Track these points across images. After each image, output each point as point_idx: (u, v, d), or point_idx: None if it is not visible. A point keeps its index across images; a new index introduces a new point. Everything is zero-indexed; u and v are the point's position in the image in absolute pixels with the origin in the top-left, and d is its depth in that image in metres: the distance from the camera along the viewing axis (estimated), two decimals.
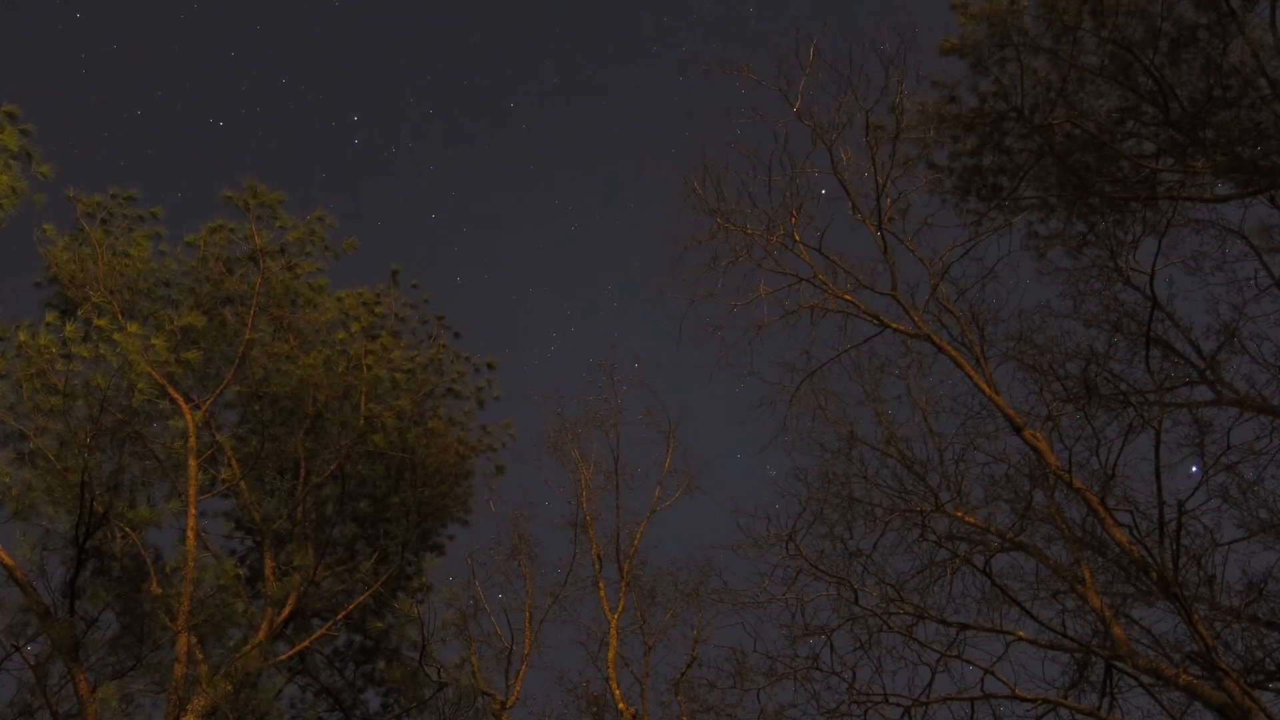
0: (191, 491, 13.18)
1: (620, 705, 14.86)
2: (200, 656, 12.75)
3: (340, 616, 14.83)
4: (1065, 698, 11.76)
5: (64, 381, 12.65)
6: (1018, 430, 12.41)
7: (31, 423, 12.71)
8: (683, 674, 15.57)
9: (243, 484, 14.48)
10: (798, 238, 14.82)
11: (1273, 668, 12.04)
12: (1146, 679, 11.03)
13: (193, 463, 13.31)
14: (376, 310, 15.66)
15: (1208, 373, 14.24)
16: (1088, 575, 11.82)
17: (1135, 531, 11.27)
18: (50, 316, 13.11)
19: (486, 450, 16.91)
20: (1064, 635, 11.51)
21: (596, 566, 16.67)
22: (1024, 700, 11.07)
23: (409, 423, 15.48)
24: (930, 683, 11.73)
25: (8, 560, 12.04)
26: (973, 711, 11.47)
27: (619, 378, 18.27)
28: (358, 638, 16.59)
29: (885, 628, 12.19)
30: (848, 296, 14.36)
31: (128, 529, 13.16)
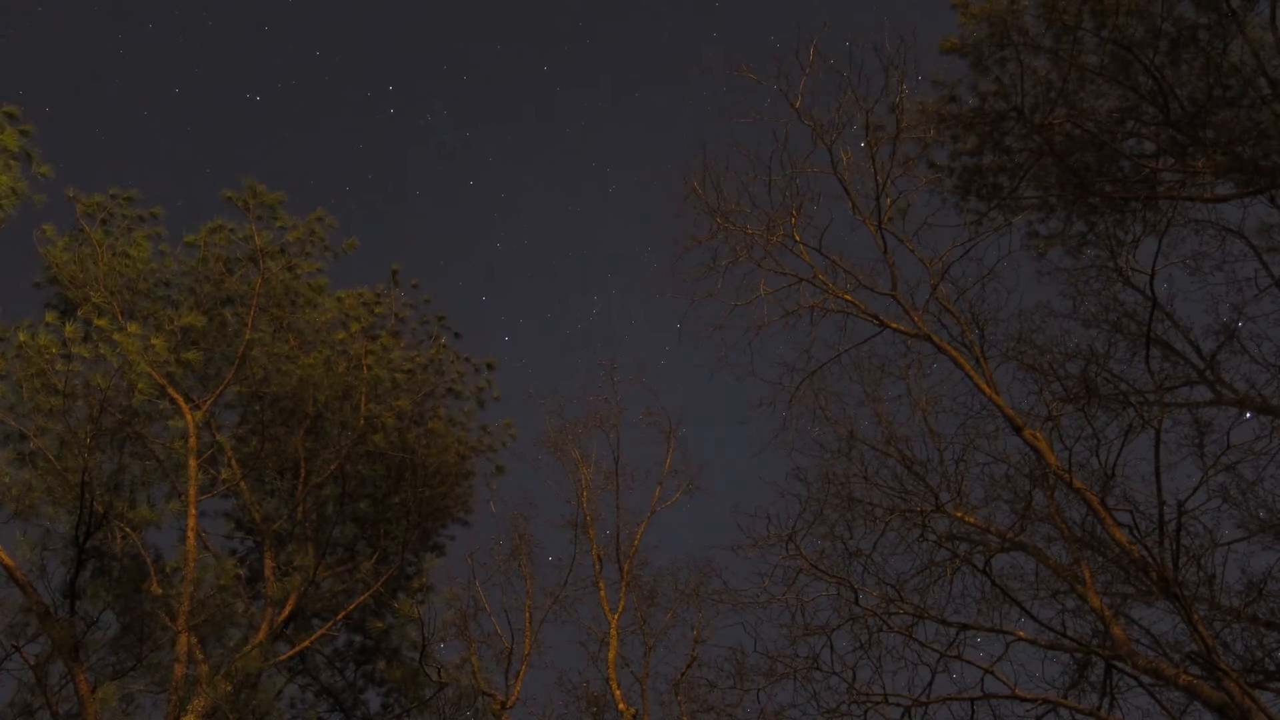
0: (191, 491, 13.18)
1: (620, 705, 14.86)
2: (200, 656, 12.75)
3: (340, 616, 14.82)
4: (1065, 698, 11.76)
5: (64, 381, 12.64)
6: (1018, 430, 12.40)
7: (31, 423, 12.71)
8: (683, 674, 15.57)
9: (243, 484, 14.48)
10: (798, 238, 14.83)
11: (1273, 668, 12.04)
12: (1146, 679, 11.03)
13: (193, 463, 13.31)
14: (376, 310, 15.66)
15: (1208, 373, 14.25)
16: (1088, 575, 11.82)
17: (1135, 531, 11.27)
18: (50, 316, 13.10)
19: (486, 450, 16.92)
20: (1064, 635, 11.51)
21: (596, 567, 16.68)
22: (1024, 700, 11.07)
23: (409, 423, 15.48)
24: (930, 683, 11.74)
25: (8, 560, 12.04)
26: (973, 711, 11.47)
27: (619, 377, 18.27)
28: (358, 638, 16.58)
29: (885, 628, 12.19)
30: (848, 296, 14.36)
31: (128, 529, 13.15)
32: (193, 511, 13.08)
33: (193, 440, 13.44)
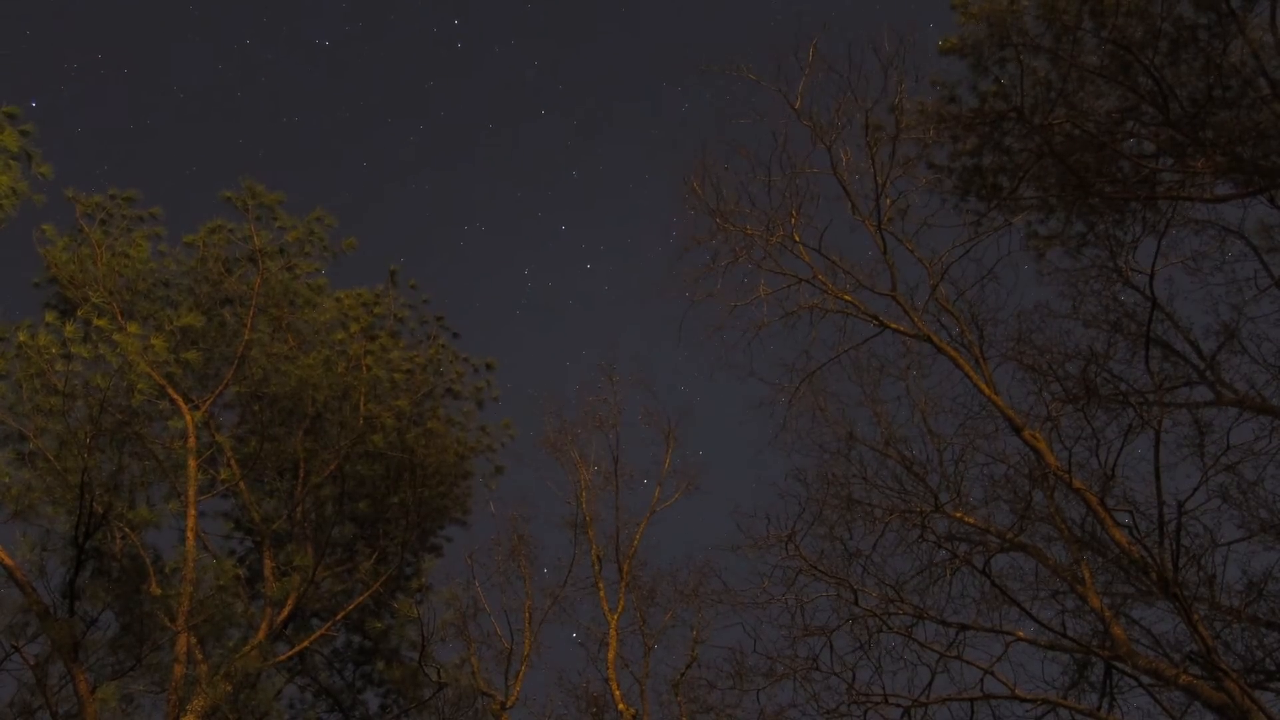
0: (191, 492, 13.17)
1: (620, 705, 14.85)
2: (200, 656, 12.74)
3: (340, 617, 14.81)
4: (1065, 698, 11.76)
5: (64, 381, 12.64)
6: (1017, 430, 12.40)
7: (31, 423, 12.70)
8: (683, 674, 15.56)
9: (242, 484, 14.48)
10: (797, 238, 14.82)
11: (1273, 668, 12.03)
12: (1146, 679, 11.02)
13: (192, 463, 13.31)
14: (375, 310, 15.66)
15: (1207, 373, 14.25)
16: (1087, 575, 11.82)
17: (1135, 531, 11.26)
18: (50, 317, 13.11)
19: (485, 450, 16.91)
20: (1064, 635, 11.50)
21: (596, 567, 16.66)
22: (1024, 700, 11.06)
23: (408, 423, 15.47)
24: (930, 683, 11.72)
25: (8, 560, 12.04)
26: (972, 712, 11.46)
27: (619, 378, 18.26)
28: (357, 638, 16.58)
29: (885, 628, 12.19)
30: (847, 297, 14.35)
31: (127, 529, 13.15)
32: (192, 511, 13.07)
33: (192, 440, 13.44)
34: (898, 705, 11.64)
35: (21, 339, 12.61)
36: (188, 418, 13.58)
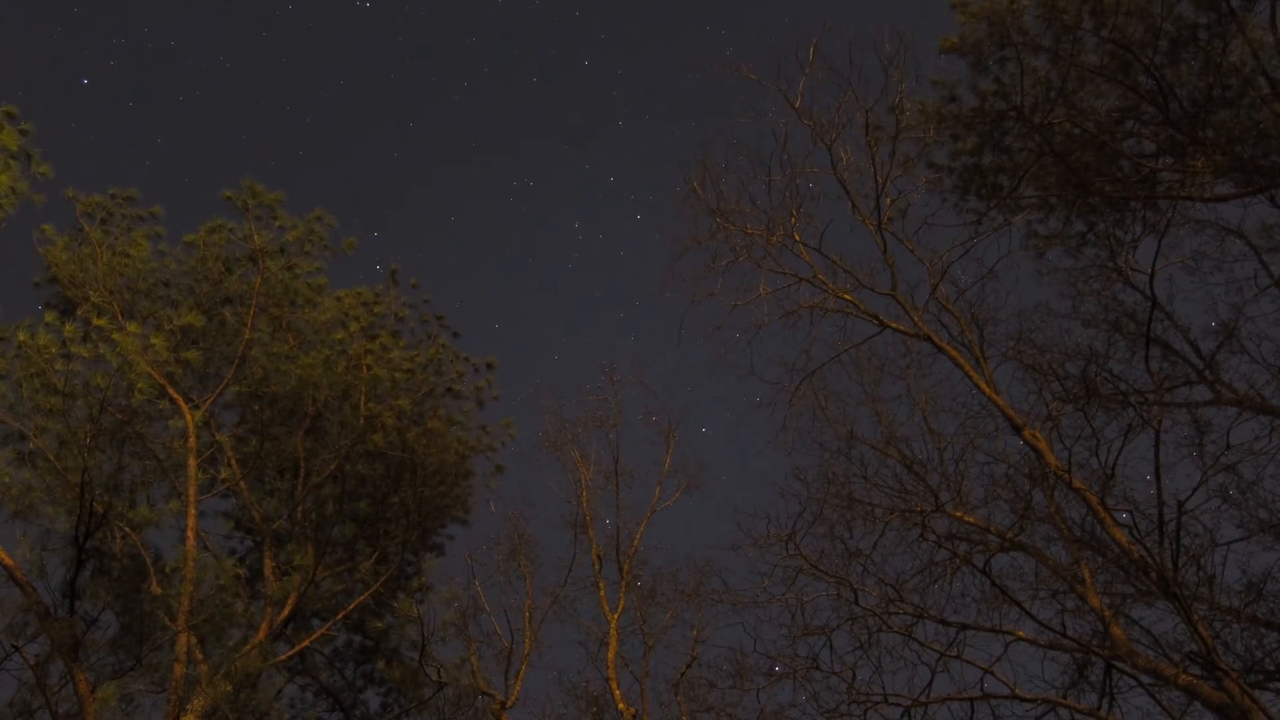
0: (191, 491, 13.17)
1: (620, 705, 14.85)
2: (200, 656, 12.74)
3: (340, 616, 14.82)
4: (1065, 698, 11.76)
5: (64, 381, 12.64)
6: (1017, 430, 12.40)
7: (31, 423, 12.70)
8: (683, 674, 15.56)
9: (243, 484, 14.48)
10: (797, 238, 14.82)
11: (1273, 668, 12.04)
12: (1146, 679, 11.03)
13: (193, 463, 13.31)
14: (376, 310, 15.66)
15: (1207, 373, 14.25)
16: (1087, 575, 11.82)
17: (1135, 531, 11.26)
18: (50, 316, 13.11)
19: (486, 450, 16.91)
20: (1064, 635, 11.50)
21: (596, 566, 16.66)
22: (1024, 700, 11.05)
23: (409, 422, 15.47)
24: (930, 683, 11.71)
25: (8, 560, 12.04)
26: (972, 711, 11.46)
27: (619, 377, 18.24)
28: (357, 638, 16.58)
29: (885, 628, 12.18)
30: (847, 296, 14.35)
31: (128, 529, 13.15)
32: (192, 511, 13.07)
33: (192, 440, 13.44)
34: (898, 705, 11.64)
35: (21, 339, 12.61)
36: (188, 417, 13.58)
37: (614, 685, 15.14)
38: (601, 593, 16.43)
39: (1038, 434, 12.30)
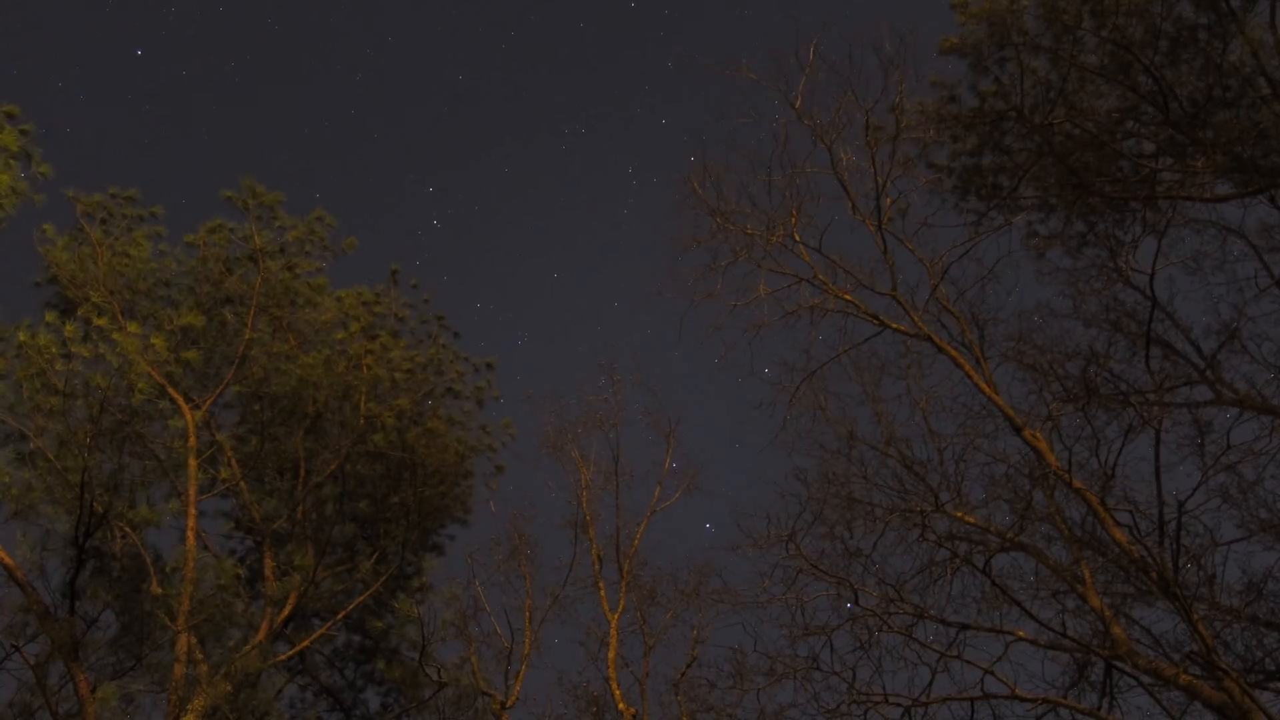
0: (191, 491, 13.17)
1: (620, 705, 14.84)
2: (200, 656, 12.74)
3: (340, 616, 14.82)
4: (1065, 698, 11.76)
5: (64, 381, 12.64)
6: (1018, 430, 12.40)
7: (31, 423, 12.70)
8: (683, 674, 15.55)
9: (243, 484, 14.48)
10: (798, 238, 14.82)
11: (1273, 668, 12.04)
12: (1146, 679, 11.03)
13: (193, 463, 13.31)
14: (376, 310, 15.66)
15: (1208, 373, 14.25)
16: (1088, 575, 11.83)
17: (1135, 531, 11.27)
18: (50, 316, 13.11)
19: (486, 450, 16.91)
20: (1064, 635, 11.51)
21: (596, 566, 16.65)
22: (1024, 700, 11.07)
23: (409, 422, 15.47)
24: (930, 683, 11.73)
25: (8, 560, 12.04)
26: (972, 711, 11.47)
27: (619, 377, 18.22)
28: (357, 638, 16.58)
29: (885, 628, 12.19)
30: (848, 296, 14.35)
31: (128, 529, 13.15)
32: (192, 511, 13.08)
33: (192, 440, 13.44)
34: (898, 705, 11.66)
35: (21, 339, 12.61)
36: (188, 417, 13.59)
37: (614, 685, 15.14)
38: (601, 593, 16.43)
39: (1038, 434, 12.30)
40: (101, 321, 13.05)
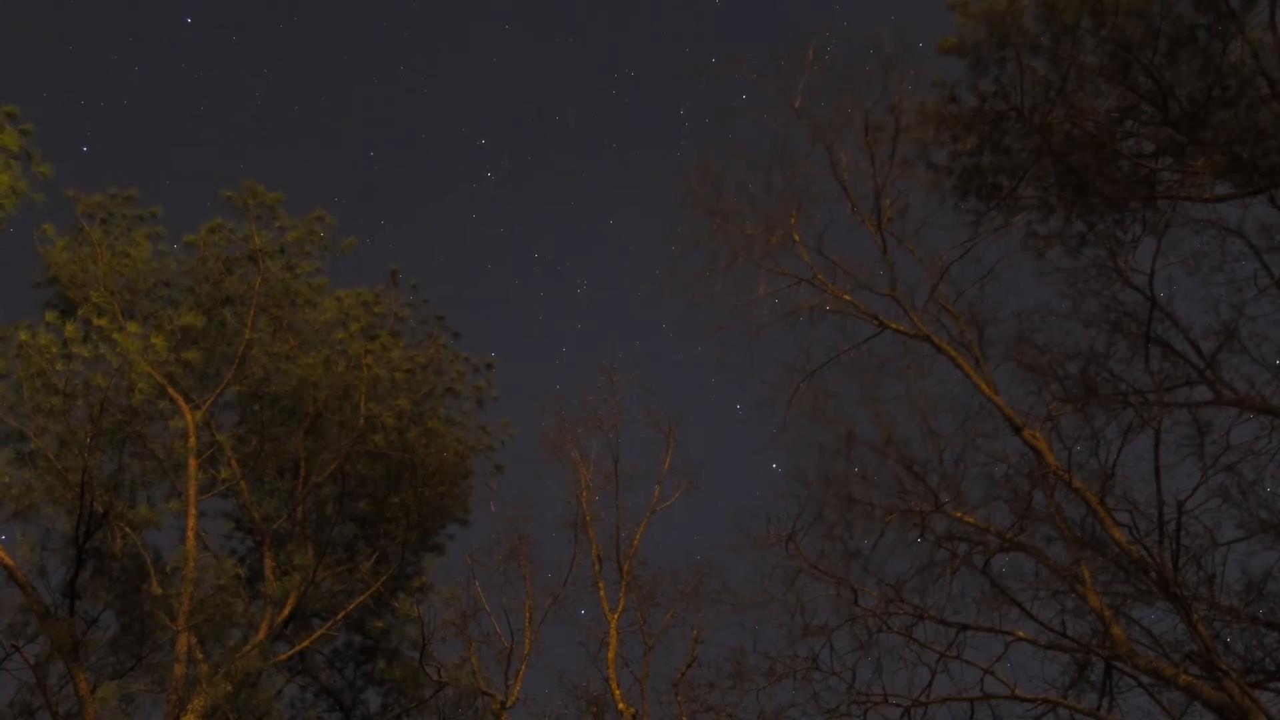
0: (191, 491, 13.18)
1: (620, 705, 14.85)
2: (200, 656, 12.74)
3: (340, 616, 14.81)
4: (1065, 698, 11.78)
5: (64, 381, 12.64)
6: (1017, 430, 12.41)
7: (31, 423, 12.71)
8: (683, 674, 15.55)
9: (243, 484, 14.48)
10: (797, 238, 14.84)
11: (1272, 668, 12.04)
12: (1146, 679, 11.04)
13: (193, 463, 13.32)
14: (376, 310, 15.66)
15: (1208, 373, 14.24)
16: (1087, 575, 11.83)
17: (1135, 531, 11.28)
18: (50, 316, 13.11)
19: (486, 450, 16.91)
20: (1064, 635, 11.52)
21: (596, 567, 16.65)
22: (1024, 700, 11.08)
23: (408, 423, 15.47)
24: (930, 683, 11.74)
25: (8, 560, 12.04)
26: (972, 712, 11.48)
27: (619, 377, 18.21)
28: (358, 638, 16.58)
29: (885, 628, 12.20)
30: (847, 297, 14.37)
31: (128, 529, 13.16)
32: (192, 511, 13.08)
33: (192, 440, 13.44)
34: (898, 705, 11.67)
35: (22, 339, 12.61)
36: (188, 417, 13.59)
37: (614, 685, 15.14)
38: (601, 593, 16.44)
39: (1038, 434, 12.31)
40: (101, 321, 13.05)
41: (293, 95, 40.73)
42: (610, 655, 15.51)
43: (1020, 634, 11.61)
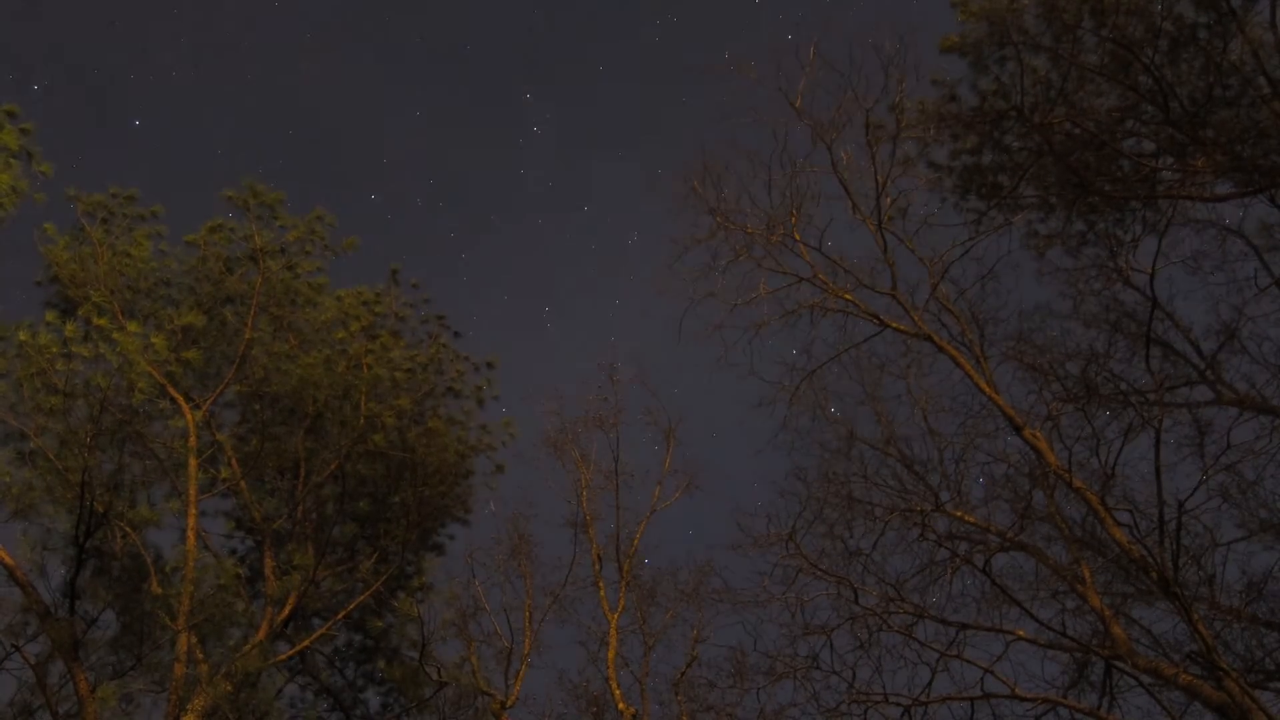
0: (191, 491, 13.18)
1: (620, 705, 14.85)
2: (200, 656, 12.75)
3: (340, 616, 14.82)
4: (1065, 698, 11.77)
5: (64, 381, 12.64)
6: (1018, 430, 12.40)
7: (31, 423, 12.71)
8: (683, 674, 15.55)
9: (243, 484, 14.48)
10: (798, 237, 14.81)
11: (1273, 668, 12.04)
12: (1146, 679, 11.03)
13: (193, 462, 13.32)
14: (376, 310, 15.66)
15: (1208, 373, 14.25)
16: (1087, 575, 11.83)
17: (1135, 531, 11.26)
18: (50, 316, 13.11)
19: (486, 450, 16.90)
20: (1064, 635, 11.51)
21: (596, 566, 16.65)
22: (1024, 700, 11.06)
23: (409, 422, 15.47)
24: (930, 682, 11.72)
25: (8, 560, 12.05)
26: (972, 711, 11.46)
27: (619, 377, 18.20)
28: (358, 637, 16.58)
29: (885, 627, 12.19)
30: (848, 296, 14.34)
31: (128, 529, 13.15)
32: (193, 511, 13.08)
33: (193, 440, 13.45)
34: (898, 705, 11.65)
35: (22, 338, 12.61)
36: (188, 417, 13.59)
37: (614, 685, 15.14)
38: (601, 593, 16.44)
39: (1038, 434, 12.30)
40: (102, 321, 13.05)
41: (294, 94, 40.74)
42: (610, 655, 15.52)
43: (1020, 634, 11.60)
